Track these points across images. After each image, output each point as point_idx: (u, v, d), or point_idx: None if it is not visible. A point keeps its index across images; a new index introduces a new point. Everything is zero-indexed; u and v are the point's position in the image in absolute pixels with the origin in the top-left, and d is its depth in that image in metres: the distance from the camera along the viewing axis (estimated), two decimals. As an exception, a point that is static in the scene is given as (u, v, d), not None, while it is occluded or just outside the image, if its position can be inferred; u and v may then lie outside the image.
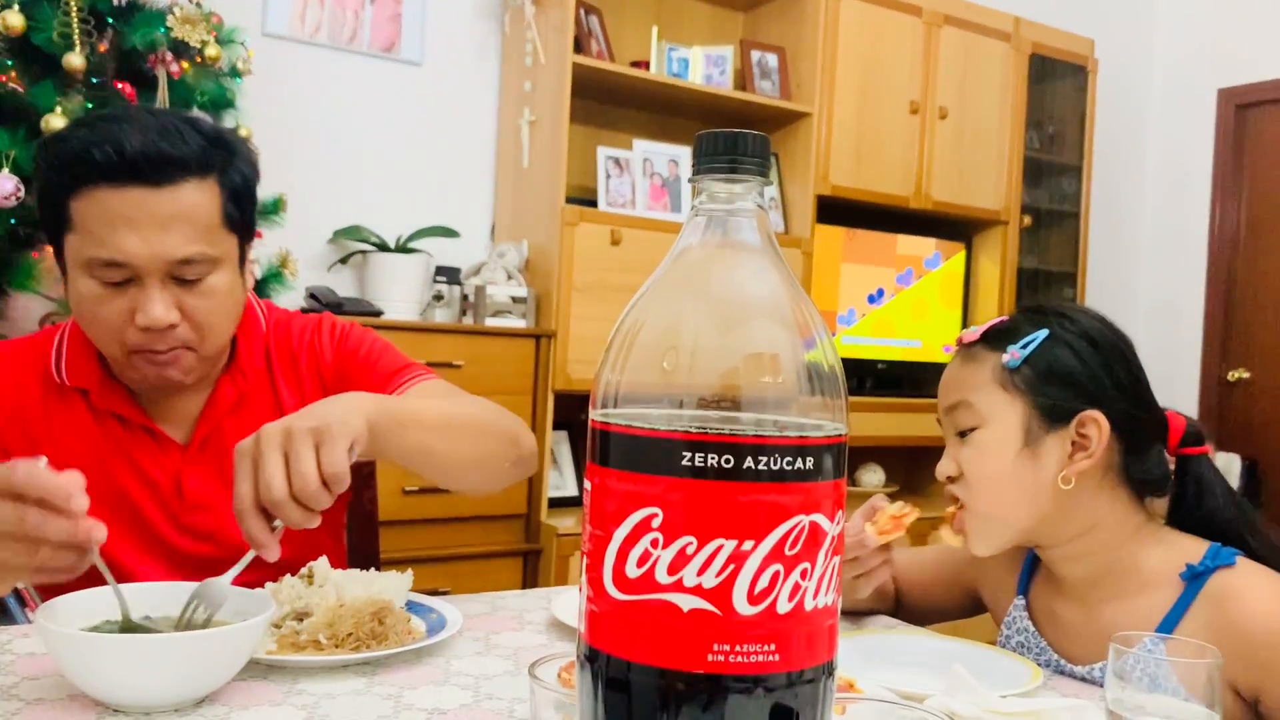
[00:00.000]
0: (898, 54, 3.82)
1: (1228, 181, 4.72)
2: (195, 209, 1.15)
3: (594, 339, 3.15)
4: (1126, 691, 0.86)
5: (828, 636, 0.55)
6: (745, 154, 0.58)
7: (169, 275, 1.14)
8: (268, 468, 0.95)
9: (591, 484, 0.56)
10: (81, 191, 1.12)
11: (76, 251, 1.14)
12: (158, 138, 1.12)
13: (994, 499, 1.11)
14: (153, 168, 1.12)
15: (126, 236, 1.11)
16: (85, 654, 0.87)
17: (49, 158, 1.15)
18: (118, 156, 1.10)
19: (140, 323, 1.13)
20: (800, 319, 0.56)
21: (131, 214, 1.11)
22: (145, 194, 1.12)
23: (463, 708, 0.94)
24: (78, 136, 1.13)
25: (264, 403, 1.31)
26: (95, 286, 1.14)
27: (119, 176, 1.11)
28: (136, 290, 1.14)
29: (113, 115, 1.16)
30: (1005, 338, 1.13)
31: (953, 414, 1.14)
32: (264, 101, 2.72)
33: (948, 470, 1.13)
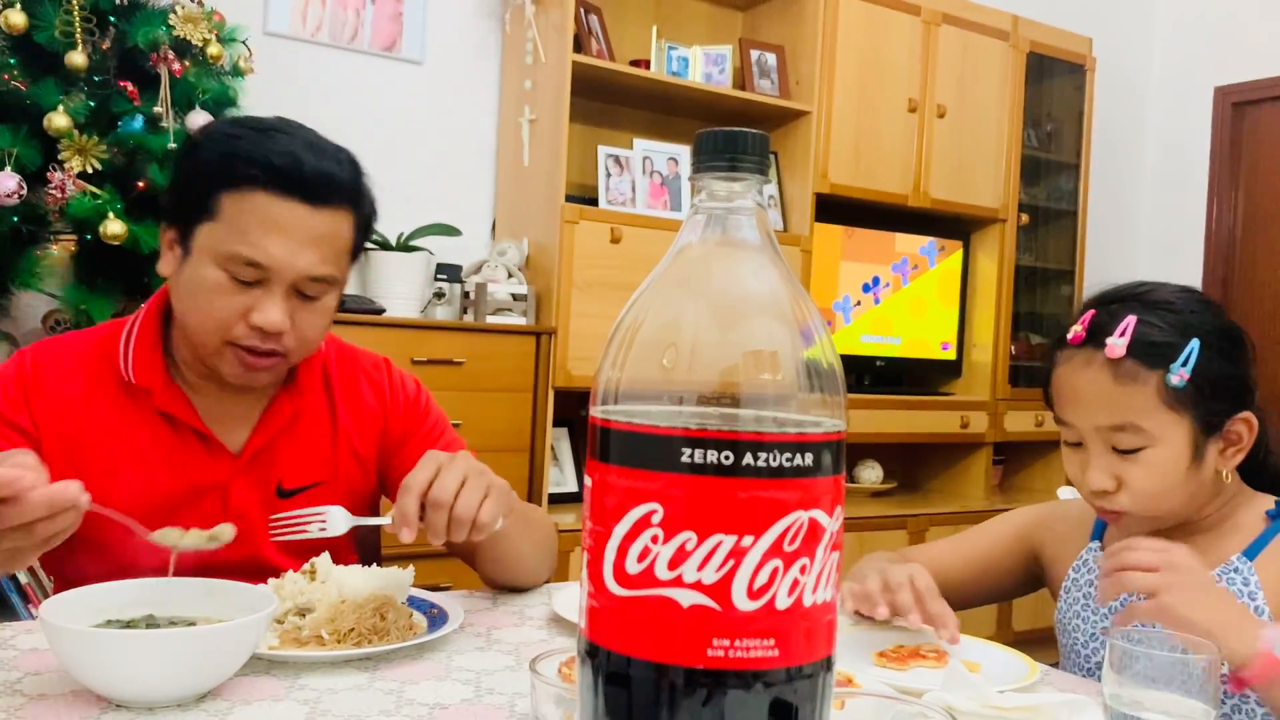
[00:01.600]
0: (896, 52, 3.83)
1: (1225, 179, 4.73)
2: (337, 234, 1.22)
3: (594, 336, 3.16)
4: (1125, 686, 0.86)
5: (827, 632, 0.56)
6: (745, 152, 0.58)
7: (294, 287, 1.19)
8: (450, 478, 1.11)
9: (592, 480, 0.57)
10: (241, 189, 1.16)
11: (215, 242, 1.17)
12: (331, 163, 1.20)
13: (1162, 506, 1.15)
14: (318, 188, 1.18)
15: (276, 244, 1.16)
16: (88, 649, 0.87)
17: (214, 147, 1.18)
18: (294, 170, 1.17)
19: (256, 322, 1.18)
20: (799, 316, 0.56)
21: (286, 225, 1.17)
22: (303, 210, 1.18)
23: (464, 703, 0.95)
24: (251, 138, 1.18)
25: (320, 423, 1.34)
26: (223, 278, 1.17)
27: (286, 188, 1.17)
28: (260, 292, 1.18)
29: (282, 125, 1.22)
30: (1157, 352, 1.12)
31: (1115, 434, 1.14)
32: (265, 100, 2.72)
33: (1105, 485, 1.14)
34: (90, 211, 2.19)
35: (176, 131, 2.33)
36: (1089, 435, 1.15)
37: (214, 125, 1.22)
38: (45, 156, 2.22)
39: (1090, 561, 1.25)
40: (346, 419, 1.36)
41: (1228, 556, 1.14)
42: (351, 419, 1.36)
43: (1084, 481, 1.16)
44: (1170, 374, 1.11)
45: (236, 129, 1.21)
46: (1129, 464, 1.13)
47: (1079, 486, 1.18)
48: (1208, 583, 1.00)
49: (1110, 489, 1.13)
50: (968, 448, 4.15)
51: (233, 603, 1.00)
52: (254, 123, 1.22)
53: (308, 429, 1.33)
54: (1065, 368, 1.18)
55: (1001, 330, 4.15)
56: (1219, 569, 1.13)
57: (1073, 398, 1.16)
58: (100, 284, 2.29)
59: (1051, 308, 4.42)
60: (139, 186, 2.27)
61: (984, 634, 1.25)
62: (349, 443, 1.35)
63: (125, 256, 2.26)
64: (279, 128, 1.21)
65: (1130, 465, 1.13)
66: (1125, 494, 1.13)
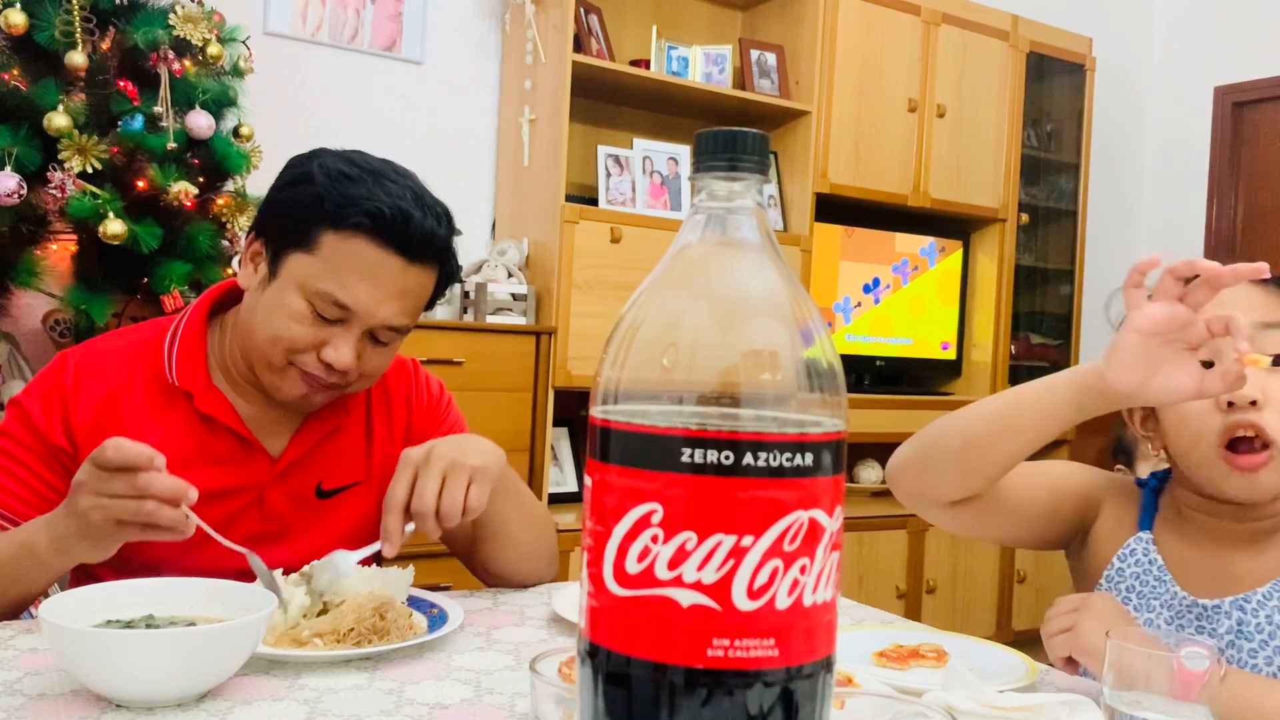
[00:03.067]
0: (896, 52, 3.83)
1: (1224, 179, 4.73)
2: (422, 289, 1.25)
3: (594, 336, 3.16)
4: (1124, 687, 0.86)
5: (827, 632, 0.56)
6: (745, 152, 0.58)
7: (369, 331, 1.22)
8: (428, 483, 1.13)
9: (592, 480, 0.57)
10: (346, 232, 1.18)
11: (307, 275, 1.19)
12: (433, 221, 1.22)
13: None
14: (418, 245, 1.20)
15: (366, 290, 1.19)
16: (89, 649, 0.87)
17: (327, 184, 1.19)
18: (400, 224, 1.18)
19: (327, 358, 1.20)
20: (799, 316, 0.56)
21: (380, 275, 1.19)
22: (399, 264, 1.20)
23: (464, 702, 0.95)
24: (364, 183, 1.19)
25: (356, 436, 1.36)
26: (305, 310, 1.19)
27: (389, 240, 1.18)
28: (338, 330, 1.20)
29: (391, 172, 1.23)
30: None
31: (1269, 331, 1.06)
32: (265, 100, 2.73)
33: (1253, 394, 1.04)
34: (90, 211, 2.19)
35: (176, 131, 2.33)
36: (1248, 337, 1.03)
37: (326, 158, 1.22)
38: (45, 156, 2.22)
39: (1139, 553, 1.19)
40: (380, 419, 1.38)
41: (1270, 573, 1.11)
42: (384, 425, 1.38)
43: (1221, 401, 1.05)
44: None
45: (350, 168, 1.21)
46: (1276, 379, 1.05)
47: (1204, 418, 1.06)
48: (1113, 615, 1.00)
49: (1259, 399, 1.04)
50: (968, 447, 4.15)
51: (232, 602, 1.00)
52: (365, 162, 1.23)
53: (345, 441, 1.35)
54: None
55: (1001, 330, 4.15)
56: (1270, 585, 1.10)
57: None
58: (100, 284, 2.29)
59: (1051, 307, 4.42)
60: (139, 186, 2.27)
61: (984, 634, 1.25)
62: (382, 444, 1.38)
63: (125, 256, 2.26)
64: (389, 174, 1.22)
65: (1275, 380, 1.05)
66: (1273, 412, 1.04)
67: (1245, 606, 1.11)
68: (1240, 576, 1.13)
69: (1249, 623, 1.10)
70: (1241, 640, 1.10)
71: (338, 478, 1.34)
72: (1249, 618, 1.10)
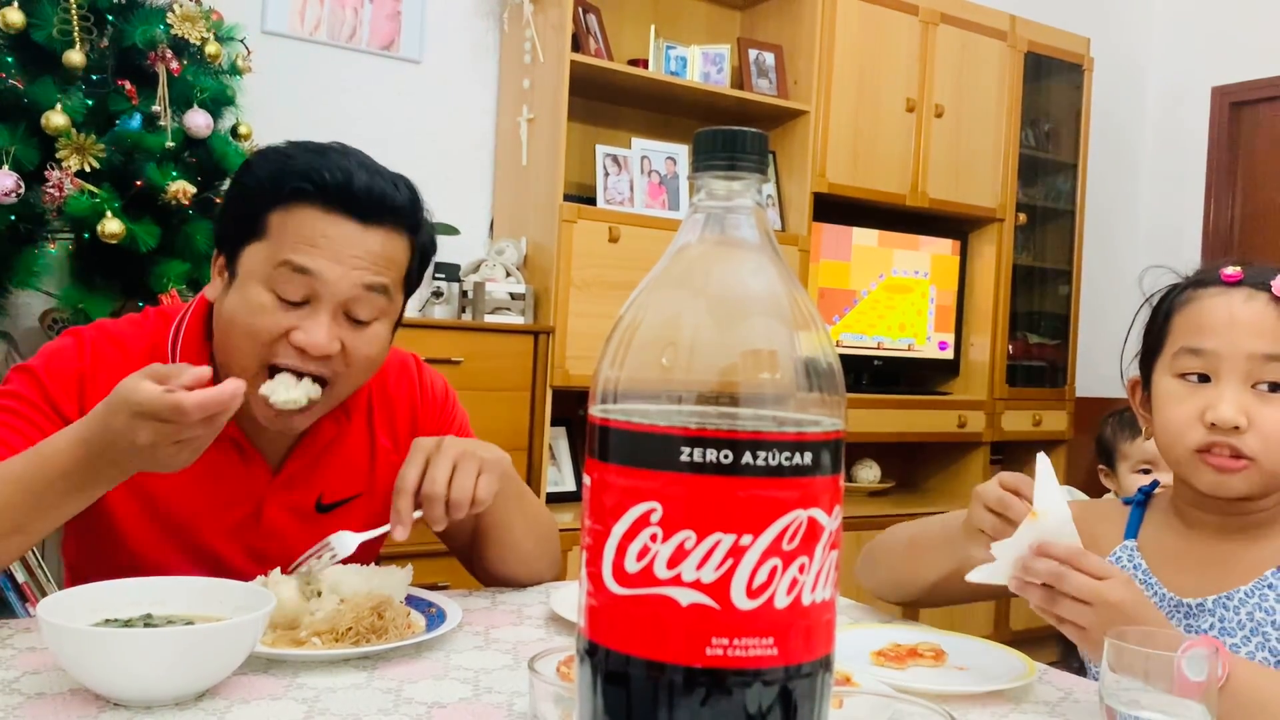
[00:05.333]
0: (894, 52, 3.83)
1: (1222, 179, 4.73)
2: (389, 255, 1.18)
3: (592, 335, 3.16)
4: (1122, 685, 0.87)
5: (825, 631, 0.56)
6: (744, 151, 0.58)
7: (343, 308, 1.16)
8: (439, 468, 1.14)
9: (591, 479, 0.57)
10: (291, 206, 1.14)
11: (262, 259, 1.14)
12: (385, 184, 1.17)
13: None
14: (369, 206, 1.15)
15: (324, 257, 1.13)
16: (87, 648, 0.87)
17: (265, 166, 1.17)
18: (344, 186, 1.14)
19: (299, 342, 1.13)
20: (798, 315, 0.56)
21: (335, 240, 1.14)
22: (352, 227, 1.15)
23: (462, 701, 0.95)
24: (303, 158, 1.15)
25: (358, 447, 1.33)
26: (268, 299, 1.14)
27: (336, 204, 1.14)
28: (306, 313, 1.14)
29: (336, 148, 1.19)
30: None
31: (1269, 364, 1.10)
32: (263, 99, 2.72)
33: (1239, 419, 1.09)
34: (88, 210, 2.19)
35: (174, 130, 2.33)
36: (1233, 365, 1.11)
37: (267, 148, 1.20)
38: (43, 155, 2.21)
39: (1124, 560, 1.22)
40: (383, 429, 1.35)
41: (1263, 569, 1.12)
42: (386, 432, 1.35)
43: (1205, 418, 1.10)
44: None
45: (290, 149, 1.19)
46: (1266, 405, 1.10)
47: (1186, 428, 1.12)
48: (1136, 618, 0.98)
49: (1243, 425, 1.09)
50: (965, 447, 4.15)
51: (230, 601, 1.00)
52: (308, 144, 1.20)
53: (347, 451, 1.32)
54: (1220, 299, 1.14)
55: (999, 330, 4.15)
56: (1253, 583, 1.12)
57: (1228, 324, 1.12)
58: (98, 283, 2.28)
59: (1049, 307, 4.43)
60: (137, 185, 2.27)
61: (982, 633, 1.25)
62: (386, 454, 1.35)
63: (123, 255, 2.26)
64: (334, 148, 1.19)
65: (1268, 407, 1.10)
66: (1255, 436, 1.09)
67: (1228, 604, 1.12)
68: (1228, 570, 1.14)
69: (1231, 619, 1.12)
70: (1224, 636, 1.11)
71: (338, 491, 1.31)
72: (1231, 614, 1.12)
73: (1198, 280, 1.19)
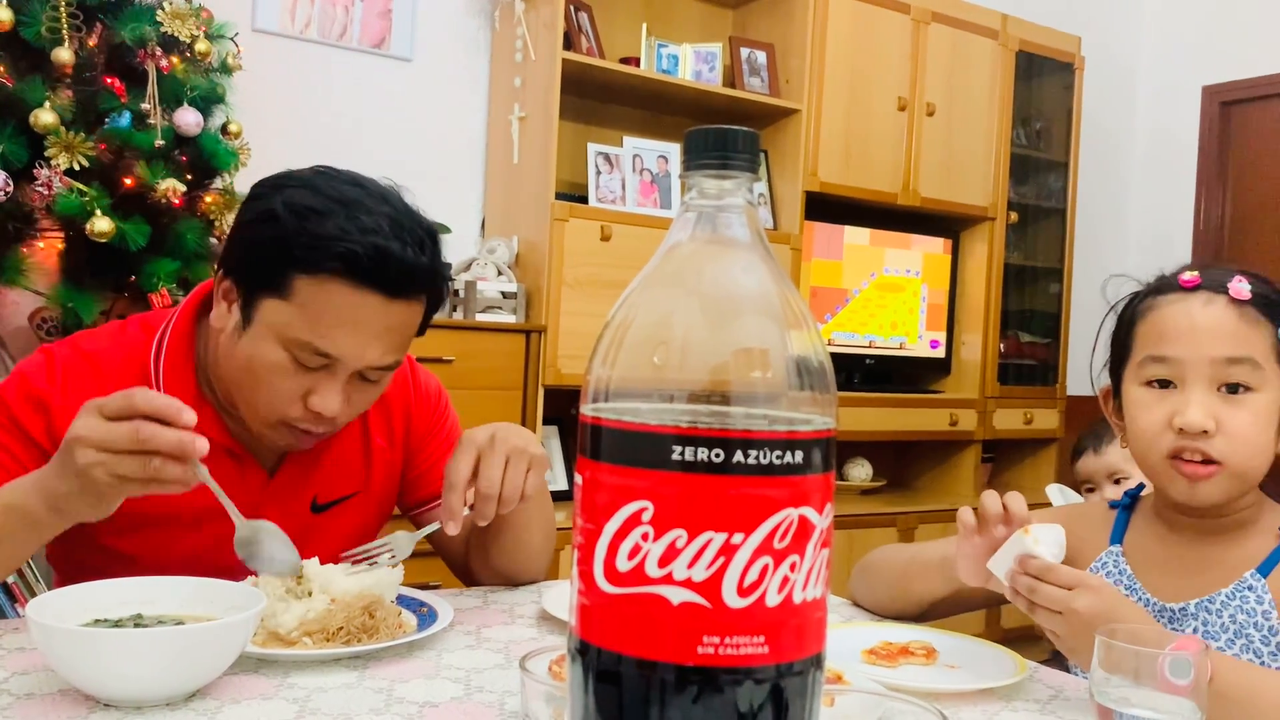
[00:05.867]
0: (886, 51, 3.83)
1: (1212, 178, 4.75)
2: (408, 324, 1.17)
3: (584, 334, 3.16)
4: (1112, 683, 0.87)
5: (816, 629, 0.56)
6: (735, 150, 0.58)
7: (357, 373, 1.15)
8: (492, 465, 1.13)
9: (582, 478, 0.57)
10: (320, 276, 1.09)
11: (282, 323, 1.11)
12: (414, 250, 1.12)
13: (1252, 462, 1.12)
14: (401, 283, 1.12)
15: (347, 337, 1.11)
16: (76, 648, 0.87)
17: (295, 223, 1.10)
18: (377, 263, 1.09)
19: (315, 407, 1.14)
20: (789, 314, 0.56)
21: (361, 318, 1.11)
22: (380, 303, 1.12)
23: (454, 701, 0.94)
24: (334, 220, 1.09)
25: (353, 447, 1.33)
26: (285, 360, 1.13)
27: (368, 282, 1.10)
28: (322, 376, 1.14)
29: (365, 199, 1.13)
30: (1272, 305, 1.13)
31: (1231, 367, 1.11)
32: (254, 97, 2.72)
33: (1206, 423, 1.10)
34: (77, 209, 2.18)
35: (164, 129, 2.32)
36: (1197, 370, 1.12)
37: (290, 192, 1.12)
38: (32, 153, 2.20)
39: (1109, 565, 1.23)
40: (378, 429, 1.35)
41: (1242, 571, 1.13)
42: (382, 428, 1.35)
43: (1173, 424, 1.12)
44: None
45: (317, 198, 1.11)
46: (1231, 408, 1.11)
47: (1157, 435, 1.14)
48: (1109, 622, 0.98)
49: (1210, 429, 1.10)
50: (957, 445, 4.16)
51: (220, 601, 0.99)
52: (333, 191, 1.12)
53: (342, 453, 1.32)
54: (1179, 305, 1.16)
55: (990, 328, 4.16)
56: (1233, 585, 1.12)
57: (1189, 330, 1.13)
58: (88, 282, 2.27)
59: (1040, 305, 4.44)
60: (126, 184, 2.26)
61: (973, 631, 1.26)
62: (381, 453, 1.35)
63: (113, 254, 2.25)
64: (362, 202, 1.12)
65: (1232, 409, 1.11)
66: (1223, 439, 1.10)
67: (1210, 607, 1.13)
68: (1210, 573, 1.15)
69: (1214, 623, 1.12)
70: (1207, 640, 1.12)
71: (333, 490, 1.31)
72: (1214, 618, 1.13)
73: (1157, 287, 1.21)
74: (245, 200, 1.18)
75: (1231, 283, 1.13)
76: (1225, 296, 1.13)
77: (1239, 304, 1.13)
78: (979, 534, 1.13)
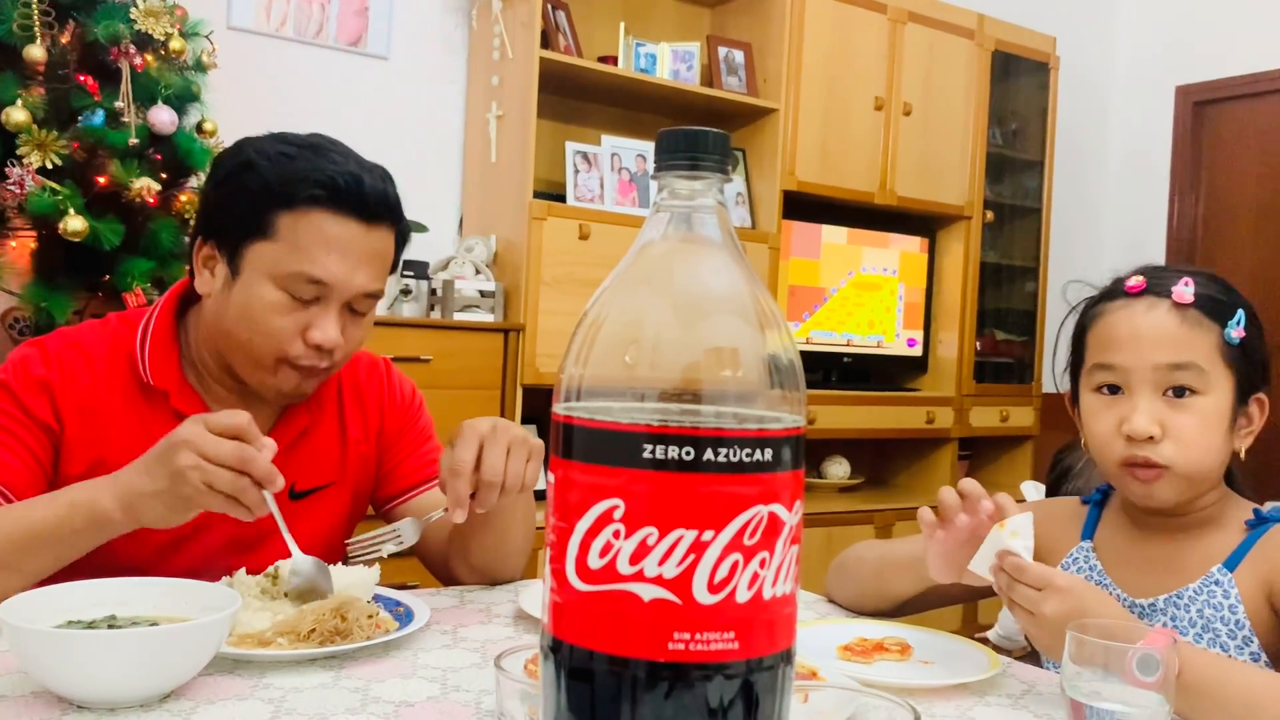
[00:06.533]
0: (863, 50, 3.85)
1: (1185, 177, 4.80)
2: (385, 251, 1.25)
3: (562, 333, 3.15)
4: (1083, 677, 0.88)
5: (786, 625, 0.56)
6: (706, 151, 0.59)
7: (347, 303, 1.22)
8: (495, 452, 1.15)
9: (555, 476, 0.57)
10: (300, 209, 1.18)
11: (273, 261, 1.18)
12: (379, 181, 1.23)
13: (1202, 464, 1.14)
14: (374, 207, 1.21)
15: (336, 263, 1.19)
16: (50, 650, 0.86)
17: (271, 168, 1.19)
18: (355, 190, 1.19)
19: (316, 339, 1.20)
20: (760, 313, 0.57)
21: (344, 243, 1.19)
22: (358, 229, 1.20)
23: (430, 700, 0.95)
24: (307, 158, 1.19)
25: (330, 436, 1.36)
26: (281, 298, 1.19)
27: (346, 207, 1.19)
28: (317, 309, 1.20)
29: (330, 143, 1.23)
30: (1217, 307, 1.15)
31: (1175, 372, 1.13)
32: (229, 95, 2.70)
33: (1152, 429, 1.12)
34: (50, 208, 2.16)
35: (138, 127, 2.30)
36: (1142, 376, 1.14)
37: (263, 144, 1.23)
38: (3, 151, 2.18)
39: (1080, 561, 1.24)
40: (354, 419, 1.38)
41: (1209, 566, 1.14)
42: (358, 420, 1.38)
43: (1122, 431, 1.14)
44: (1228, 328, 1.13)
45: (287, 146, 1.21)
46: (1177, 412, 1.13)
47: (1108, 441, 1.16)
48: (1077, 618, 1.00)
49: (1156, 435, 1.12)
50: (933, 443, 4.19)
51: (195, 602, 0.99)
52: (301, 140, 1.23)
53: (319, 440, 1.35)
54: (1124, 312, 1.17)
55: (967, 326, 4.19)
56: (1200, 581, 1.14)
57: (1132, 337, 1.15)
58: (60, 281, 2.25)
59: (1017, 304, 4.47)
60: (99, 182, 2.24)
61: (949, 628, 1.27)
62: (357, 444, 1.37)
63: (86, 253, 2.23)
64: (330, 146, 1.23)
65: (1179, 414, 1.13)
66: (1170, 443, 1.12)
67: (1178, 603, 1.15)
68: (1177, 569, 1.17)
69: (1182, 618, 1.14)
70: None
71: (311, 478, 1.33)
72: (1181, 613, 1.14)
73: (1106, 293, 1.22)
74: (213, 166, 1.27)
75: (1176, 286, 1.15)
76: (1168, 301, 1.15)
77: (1182, 308, 1.14)
78: (941, 528, 1.14)
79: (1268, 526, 1.15)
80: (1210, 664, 0.99)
